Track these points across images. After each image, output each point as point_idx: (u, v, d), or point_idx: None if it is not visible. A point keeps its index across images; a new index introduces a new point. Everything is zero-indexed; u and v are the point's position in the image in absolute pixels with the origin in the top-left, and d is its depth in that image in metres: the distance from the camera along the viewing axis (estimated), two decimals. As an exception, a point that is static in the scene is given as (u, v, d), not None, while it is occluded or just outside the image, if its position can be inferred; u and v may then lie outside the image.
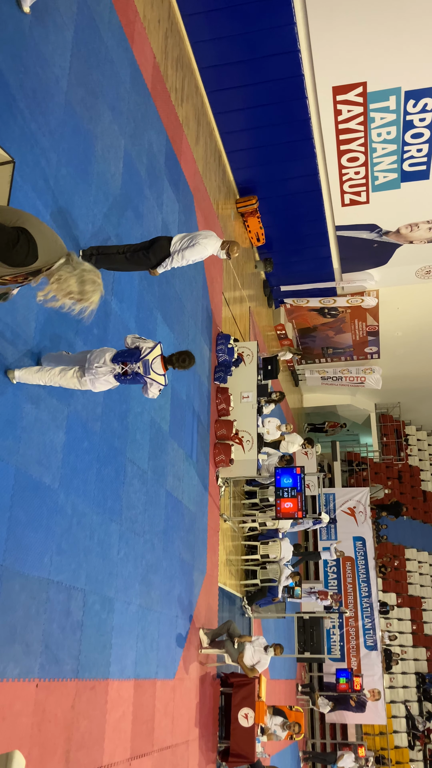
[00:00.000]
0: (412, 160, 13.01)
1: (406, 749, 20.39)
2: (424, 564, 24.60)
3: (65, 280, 3.06)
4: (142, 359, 4.63)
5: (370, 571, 19.45)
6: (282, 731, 10.27)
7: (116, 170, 6.62)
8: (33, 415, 4.49)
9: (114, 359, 4.56)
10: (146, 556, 6.47)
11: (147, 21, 8.20)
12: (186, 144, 9.74)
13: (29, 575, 4.25)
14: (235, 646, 8.41)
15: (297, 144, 12.78)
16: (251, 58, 10.93)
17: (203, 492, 9.05)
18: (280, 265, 16.63)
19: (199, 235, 5.96)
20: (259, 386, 11.25)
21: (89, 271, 3.12)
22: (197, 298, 9.62)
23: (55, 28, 5.45)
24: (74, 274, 3.07)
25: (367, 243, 15.83)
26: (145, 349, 4.67)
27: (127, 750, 5.59)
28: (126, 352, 4.65)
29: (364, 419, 26.45)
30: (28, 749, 4.06)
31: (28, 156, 4.80)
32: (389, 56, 10.99)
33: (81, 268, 3.09)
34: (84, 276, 3.10)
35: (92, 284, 3.14)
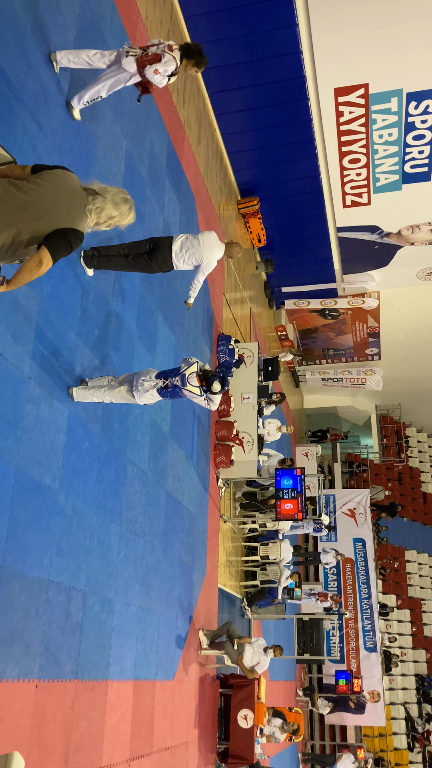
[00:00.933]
0: (413, 161, 13.01)
1: (406, 751, 20.38)
2: (424, 566, 24.60)
3: (102, 209, 3.16)
4: (180, 374, 5.46)
5: (370, 573, 19.44)
6: (281, 733, 10.26)
7: (118, 171, 6.62)
8: (33, 416, 4.49)
9: (158, 376, 5.39)
10: (146, 557, 6.46)
11: (149, 22, 8.21)
12: (188, 145, 9.74)
13: (29, 576, 4.25)
14: (234, 648, 8.41)
15: (298, 145, 12.79)
16: (253, 59, 10.93)
17: (203, 493, 9.05)
18: (281, 266, 16.63)
19: (202, 252, 5.92)
20: (259, 387, 11.25)
21: (117, 192, 3.20)
22: (198, 299, 9.62)
23: (57, 29, 5.45)
24: (107, 201, 3.16)
25: (368, 244, 15.83)
26: (183, 366, 5.51)
27: (126, 751, 5.59)
28: (169, 369, 5.51)
29: (365, 421, 26.45)
30: (28, 750, 4.06)
31: (30, 156, 4.80)
32: (391, 58, 10.99)
33: (110, 193, 3.17)
34: (116, 198, 3.18)
35: (125, 203, 3.23)
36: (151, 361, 7.13)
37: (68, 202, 3.04)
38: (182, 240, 5.93)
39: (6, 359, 4.22)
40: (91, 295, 5.69)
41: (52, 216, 2.95)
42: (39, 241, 2.94)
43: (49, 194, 2.98)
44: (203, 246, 5.96)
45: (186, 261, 5.93)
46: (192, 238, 6.01)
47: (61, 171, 3.13)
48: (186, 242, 5.92)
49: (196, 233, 6.19)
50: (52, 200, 2.97)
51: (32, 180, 3.01)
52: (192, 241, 5.96)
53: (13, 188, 2.91)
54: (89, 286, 5.67)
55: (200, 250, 5.95)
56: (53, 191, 3.01)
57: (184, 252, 5.90)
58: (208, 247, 5.99)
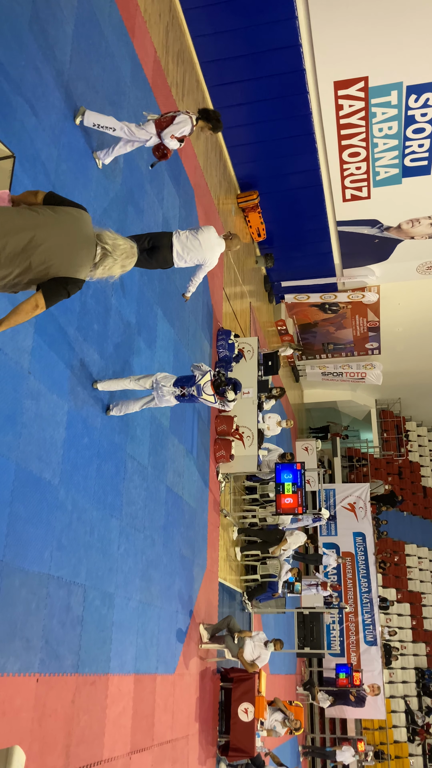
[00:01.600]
0: (413, 155, 12.97)
1: (406, 744, 20.47)
2: (424, 560, 24.65)
3: (109, 268, 3.10)
4: (196, 384, 5.85)
5: (370, 567, 19.48)
6: (282, 727, 10.30)
7: (116, 165, 6.59)
8: (33, 411, 4.49)
9: (175, 384, 5.77)
10: (146, 552, 6.47)
11: (148, 15, 8.17)
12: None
13: (29, 571, 4.25)
14: (235, 642, 8.43)
15: (298, 139, 12.75)
16: (252, 52, 10.88)
17: (203, 488, 9.06)
18: (280, 260, 16.61)
19: (203, 252, 5.91)
20: (259, 382, 11.25)
21: (127, 250, 3.12)
22: (198, 294, 9.60)
23: (55, 22, 5.43)
24: (117, 263, 3.09)
25: (368, 238, 15.80)
26: (199, 376, 5.88)
27: (127, 744, 5.61)
28: (184, 378, 5.85)
29: (365, 415, 26.47)
30: (29, 744, 4.07)
31: (29, 150, 4.79)
32: (391, 51, 10.94)
33: (119, 252, 3.08)
34: (125, 259, 3.12)
35: (130, 259, 3.16)
36: (151, 355, 7.13)
37: (77, 250, 2.94)
38: (183, 240, 5.90)
39: (5, 354, 4.21)
40: (90, 290, 5.68)
41: (58, 261, 2.88)
42: (40, 282, 2.89)
43: (59, 237, 2.88)
44: (204, 246, 5.97)
45: (187, 261, 5.95)
46: (192, 237, 5.97)
47: (77, 212, 3.01)
48: (187, 242, 5.90)
49: (196, 229, 6.15)
50: (60, 245, 2.88)
51: (45, 213, 2.90)
52: (193, 241, 5.93)
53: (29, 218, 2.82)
54: (88, 281, 5.66)
55: (202, 251, 5.95)
56: (64, 234, 2.90)
57: (185, 253, 5.91)
58: (209, 246, 5.98)
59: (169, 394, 5.76)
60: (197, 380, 5.86)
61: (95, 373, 5.61)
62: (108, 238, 3.04)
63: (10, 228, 2.75)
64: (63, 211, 2.96)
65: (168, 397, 5.78)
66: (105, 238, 3.03)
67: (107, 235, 3.04)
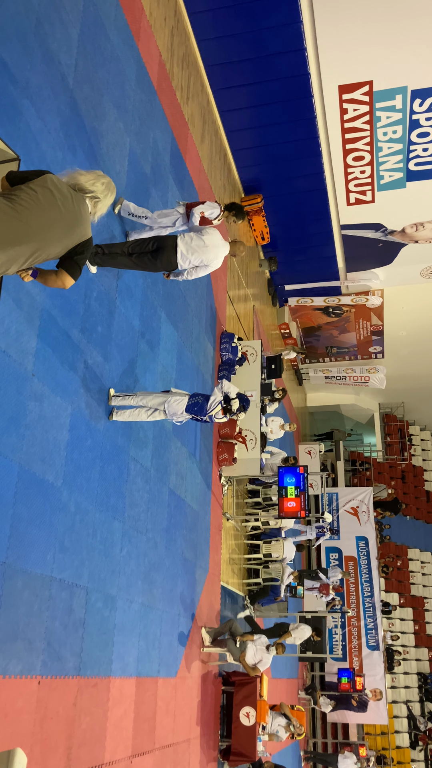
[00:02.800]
0: (418, 159, 12.97)
1: (408, 749, 20.38)
2: (427, 564, 24.57)
3: (102, 209, 3.13)
4: (208, 414, 6.04)
5: (373, 571, 19.43)
6: (284, 732, 10.27)
7: (121, 168, 6.61)
8: (37, 412, 4.49)
9: (188, 410, 5.94)
10: (149, 554, 6.47)
11: (153, 18, 8.19)
12: (191, 142, 9.73)
13: (32, 572, 4.25)
14: (237, 645, 8.42)
15: (302, 143, 12.75)
16: (257, 56, 10.90)
17: (206, 491, 9.05)
18: (284, 263, 16.61)
19: (207, 252, 5.92)
20: (262, 385, 11.24)
21: (107, 184, 3.10)
22: (201, 297, 9.61)
23: (61, 25, 5.45)
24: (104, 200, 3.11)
25: (372, 242, 15.79)
26: (210, 406, 6.03)
27: (128, 748, 5.60)
28: (195, 406, 5.97)
29: (368, 419, 26.43)
30: (30, 746, 4.06)
31: (33, 153, 4.80)
32: (396, 55, 10.95)
33: (103, 192, 3.08)
34: (107, 192, 3.11)
35: (111, 190, 3.14)
36: (155, 358, 7.13)
37: (73, 222, 2.95)
38: (188, 241, 5.90)
39: (9, 356, 4.22)
40: (94, 292, 5.68)
41: (66, 242, 2.90)
42: (56, 258, 2.93)
43: (54, 228, 2.88)
44: (209, 246, 5.96)
45: (192, 262, 5.93)
46: (197, 238, 5.98)
47: (48, 181, 2.95)
48: (192, 243, 5.90)
49: (201, 230, 6.16)
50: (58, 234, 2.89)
51: (26, 204, 2.83)
52: (197, 241, 5.93)
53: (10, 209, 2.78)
54: (92, 283, 5.67)
55: (206, 252, 5.95)
56: (57, 218, 2.89)
57: (190, 254, 5.90)
58: (213, 247, 5.99)
59: (183, 418, 6.02)
60: (209, 411, 6.03)
61: (99, 376, 5.62)
62: (88, 185, 3.04)
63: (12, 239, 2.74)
64: (37, 191, 2.91)
65: (182, 419, 6.06)
66: (85, 186, 3.03)
67: (85, 181, 3.04)
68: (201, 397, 6.04)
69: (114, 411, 5.86)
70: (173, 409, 5.89)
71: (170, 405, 5.88)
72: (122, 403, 5.80)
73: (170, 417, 5.98)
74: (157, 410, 5.94)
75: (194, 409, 5.94)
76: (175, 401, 5.90)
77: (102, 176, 3.10)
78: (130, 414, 5.87)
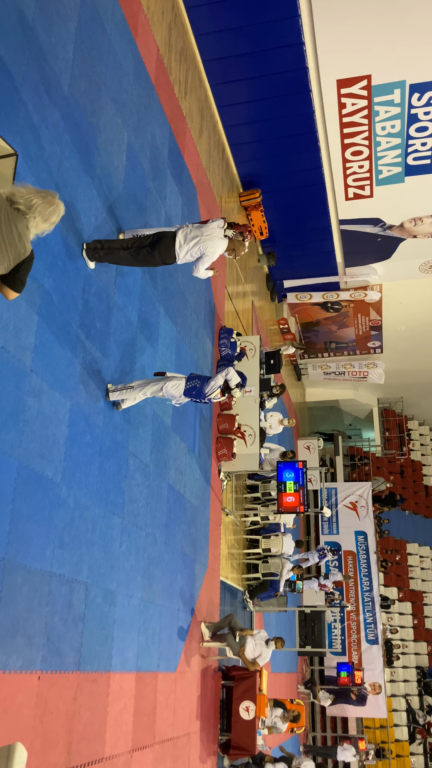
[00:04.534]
0: (416, 153, 12.95)
1: (407, 742, 20.47)
2: (425, 558, 24.64)
3: (37, 227, 2.92)
4: (207, 397, 6.09)
5: (372, 566, 19.48)
6: (283, 723, 10.31)
7: (119, 163, 6.60)
8: (35, 408, 4.49)
9: (185, 394, 5.99)
10: (148, 550, 6.48)
11: (150, 13, 8.16)
12: (189, 137, 9.70)
13: (31, 568, 4.26)
14: (236, 640, 8.44)
15: (301, 137, 12.73)
16: (255, 50, 10.87)
17: (205, 486, 9.06)
18: (283, 259, 16.59)
19: (204, 241, 5.87)
20: (261, 380, 11.24)
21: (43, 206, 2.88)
22: (200, 292, 9.60)
23: (58, 19, 5.43)
24: (38, 220, 2.89)
25: (370, 237, 15.78)
26: (209, 390, 6.07)
27: (128, 742, 5.62)
28: (193, 390, 6.03)
29: (367, 414, 26.44)
30: (30, 741, 4.08)
31: (31, 148, 4.79)
32: (394, 49, 10.92)
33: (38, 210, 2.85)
34: (45, 214, 2.90)
35: (54, 212, 2.94)
36: (153, 353, 7.13)
37: (8, 239, 2.80)
38: (186, 231, 5.89)
39: (8, 352, 4.22)
40: (92, 287, 5.68)
41: (1, 264, 2.79)
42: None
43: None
44: (207, 236, 5.91)
45: (190, 251, 5.88)
46: (195, 229, 5.97)
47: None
48: (190, 233, 5.87)
49: (200, 223, 6.16)
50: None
51: None
52: (195, 231, 5.91)
53: None
54: (91, 278, 5.66)
55: (204, 241, 5.88)
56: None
57: (188, 243, 5.84)
58: (210, 237, 5.93)
59: (182, 399, 6.08)
60: (207, 394, 6.10)
61: (97, 371, 5.62)
62: (20, 198, 2.84)
63: None
64: None
65: (181, 401, 6.13)
66: (17, 199, 2.84)
67: (19, 195, 2.85)
68: (198, 380, 6.11)
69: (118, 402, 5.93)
70: (171, 393, 5.99)
71: (168, 390, 5.97)
72: (120, 397, 5.84)
73: (170, 399, 6.11)
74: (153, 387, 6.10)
75: (192, 393, 6.05)
76: (173, 386, 5.99)
77: (45, 195, 2.91)
78: (134, 398, 6.01)
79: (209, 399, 6.17)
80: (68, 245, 5.28)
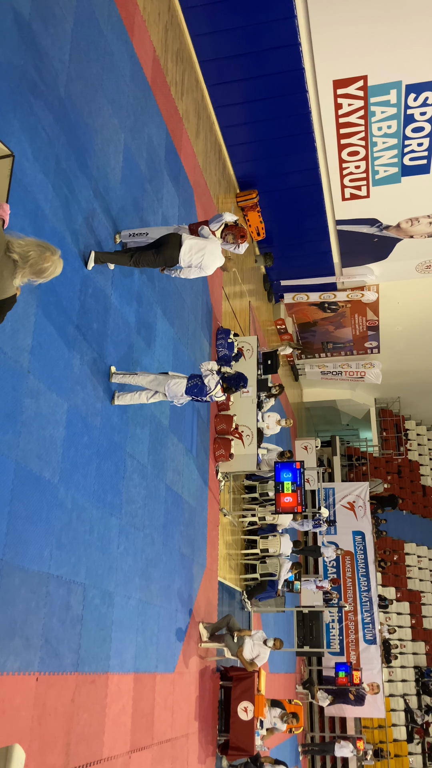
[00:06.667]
0: (412, 154, 12.97)
1: (405, 742, 20.49)
2: (423, 558, 24.67)
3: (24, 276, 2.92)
4: (208, 395, 6.15)
5: (370, 566, 19.49)
6: (282, 723, 10.31)
7: (116, 164, 6.60)
8: (33, 409, 4.49)
9: (187, 392, 6.05)
10: (146, 551, 6.48)
11: (147, 14, 8.16)
12: (186, 138, 9.70)
13: (29, 569, 4.26)
14: (234, 640, 8.44)
15: (297, 138, 12.74)
16: (251, 51, 10.88)
17: (203, 486, 9.06)
18: (280, 259, 16.60)
19: (207, 256, 6.07)
20: (259, 381, 11.25)
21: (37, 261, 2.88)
22: (197, 293, 9.60)
23: (54, 20, 5.43)
24: (27, 271, 2.90)
25: (367, 237, 15.79)
26: (209, 388, 6.14)
27: (127, 743, 5.62)
28: (195, 388, 6.09)
29: (364, 414, 26.46)
30: (29, 742, 4.07)
31: (28, 150, 4.79)
32: (390, 50, 10.94)
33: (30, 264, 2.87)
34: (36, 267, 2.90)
35: (46, 268, 2.94)
36: (151, 354, 7.13)
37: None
38: (192, 242, 6.07)
39: (5, 353, 4.21)
40: (89, 288, 5.68)
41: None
42: None
43: None
44: (210, 251, 6.12)
45: (191, 260, 6.07)
46: (201, 241, 6.17)
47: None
48: (195, 245, 6.06)
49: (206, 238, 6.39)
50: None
51: None
52: (200, 243, 6.11)
53: None
54: (88, 279, 5.67)
55: (207, 256, 6.10)
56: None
57: (193, 253, 6.04)
58: (211, 254, 6.14)
59: (183, 400, 6.15)
60: (208, 391, 6.17)
61: (95, 372, 5.62)
62: (18, 248, 2.86)
63: None
64: None
65: (182, 401, 6.18)
66: (15, 248, 2.86)
67: (16, 245, 2.87)
68: (199, 379, 6.19)
69: (116, 394, 5.93)
70: (173, 391, 6.05)
71: (170, 388, 6.04)
72: (122, 381, 5.93)
73: (171, 399, 6.13)
74: (157, 393, 6.12)
75: (194, 391, 6.11)
76: (175, 384, 6.06)
77: (44, 249, 2.92)
78: (131, 397, 6.02)
79: (211, 396, 6.22)
80: (66, 246, 5.28)
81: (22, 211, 4.62)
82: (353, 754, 15.96)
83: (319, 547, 16.39)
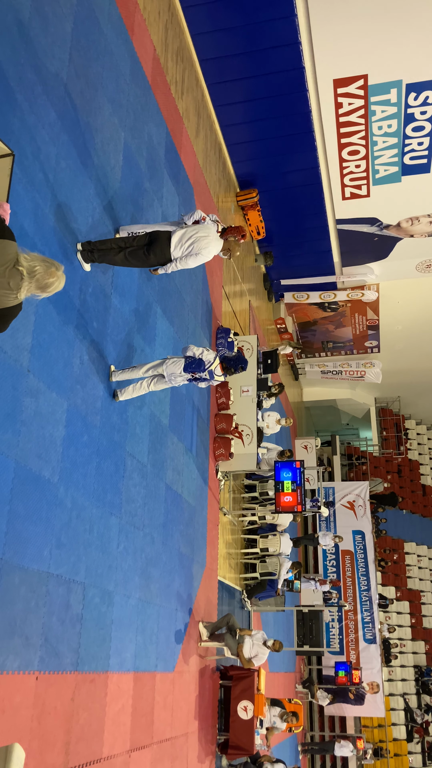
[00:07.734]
0: (412, 153, 12.96)
1: (405, 741, 20.51)
2: (423, 558, 24.68)
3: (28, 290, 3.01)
4: (207, 370, 6.11)
5: (370, 565, 19.50)
6: (281, 722, 10.32)
7: (116, 163, 6.59)
8: (32, 408, 4.49)
9: (186, 369, 5.96)
10: (146, 550, 6.48)
11: (147, 12, 8.16)
12: (186, 137, 9.70)
13: (29, 568, 4.26)
14: (234, 639, 8.44)
15: (297, 137, 12.73)
16: (252, 50, 10.87)
17: (203, 486, 9.06)
18: (280, 258, 16.59)
19: (200, 240, 5.77)
20: (258, 380, 11.24)
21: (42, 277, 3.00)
22: (197, 292, 9.60)
23: (54, 19, 5.42)
24: (33, 286, 3.00)
25: (367, 237, 15.79)
26: (208, 362, 6.12)
27: (126, 742, 5.62)
28: (193, 363, 6.02)
29: (364, 413, 26.47)
30: (28, 742, 4.07)
31: (28, 149, 4.78)
32: (390, 49, 10.93)
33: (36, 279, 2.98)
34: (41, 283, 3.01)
35: (50, 284, 3.06)
36: (151, 353, 7.13)
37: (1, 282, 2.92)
38: (182, 232, 5.83)
39: (5, 352, 4.21)
40: (89, 288, 5.67)
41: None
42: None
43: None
44: (202, 235, 5.83)
45: (184, 251, 5.83)
46: (191, 229, 5.93)
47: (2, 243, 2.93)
48: (185, 234, 5.81)
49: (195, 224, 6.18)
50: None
51: None
52: (191, 231, 5.85)
53: None
54: (87, 278, 5.66)
55: (200, 240, 5.81)
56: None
57: (184, 242, 5.75)
58: (206, 236, 5.85)
59: (181, 378, 6.04)
60: (207, 366, 6.10)
61: (95, 372, 5.61)
62: (25, 263, 2.96)
63: None
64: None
65: (180, 381, 6.08)
66: (22, 262, 2.96)
67: (23, 258, 2.97)
68: (198, 360, 6.20)
69: (117, 392, 5.92)
70: (171, 369, 5.99)
71: (168, 366, 6.01)
72: (122, 377, 5.92)
73: (170, 380, 6.05)
74: (157, 377, 6.06)
75: (192, 366, 6.02)
76: (172, 362, 6.04)
77: (49, 265, 3.00)
78: (133, 389, 6.01)
79: (210, 372, 6.15)
80: (65, 246, 5.28)
81: (22, 210, 4.61)
82: (353, 754, 15.98)
83: (315, 536, 16.35)
